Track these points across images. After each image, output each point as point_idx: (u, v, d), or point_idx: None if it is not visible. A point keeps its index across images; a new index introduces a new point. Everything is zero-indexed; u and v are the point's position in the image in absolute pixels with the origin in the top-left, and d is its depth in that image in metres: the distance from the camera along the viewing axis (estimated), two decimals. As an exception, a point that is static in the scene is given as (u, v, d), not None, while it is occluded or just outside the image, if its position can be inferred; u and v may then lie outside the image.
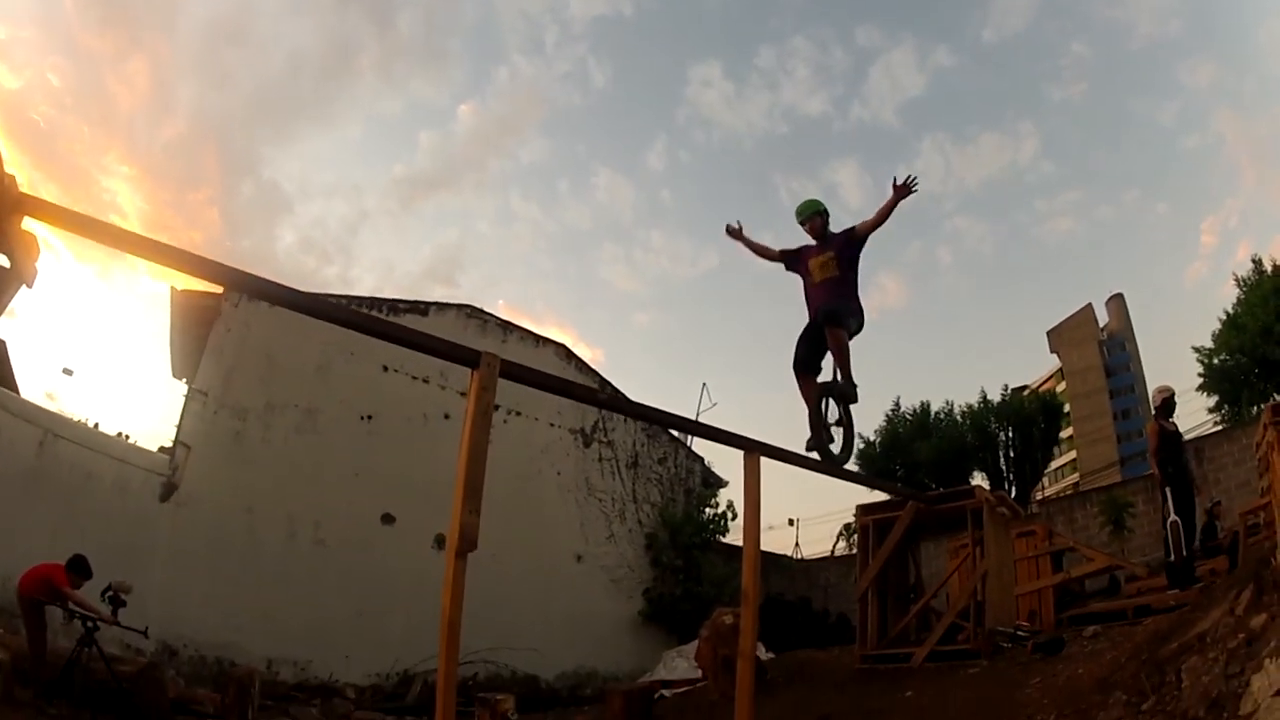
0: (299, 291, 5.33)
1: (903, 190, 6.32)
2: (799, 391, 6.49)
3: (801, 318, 6.66)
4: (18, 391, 14.43)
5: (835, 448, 6.44)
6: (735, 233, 6.99)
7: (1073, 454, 54.16)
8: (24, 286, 4.55)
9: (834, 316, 6.32)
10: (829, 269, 6.59)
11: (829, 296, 6.48)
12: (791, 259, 6.90)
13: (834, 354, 6.42)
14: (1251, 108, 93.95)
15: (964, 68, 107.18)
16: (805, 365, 6.53)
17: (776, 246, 7.05)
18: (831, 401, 6.53)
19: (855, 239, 6.64)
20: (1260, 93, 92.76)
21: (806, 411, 6.32)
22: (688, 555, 16.21)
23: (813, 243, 6.80)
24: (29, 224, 4.26)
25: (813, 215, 6.87)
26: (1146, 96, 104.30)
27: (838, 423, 6.56)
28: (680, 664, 14.36)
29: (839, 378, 6.46)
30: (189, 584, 12.47)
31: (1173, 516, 8.67)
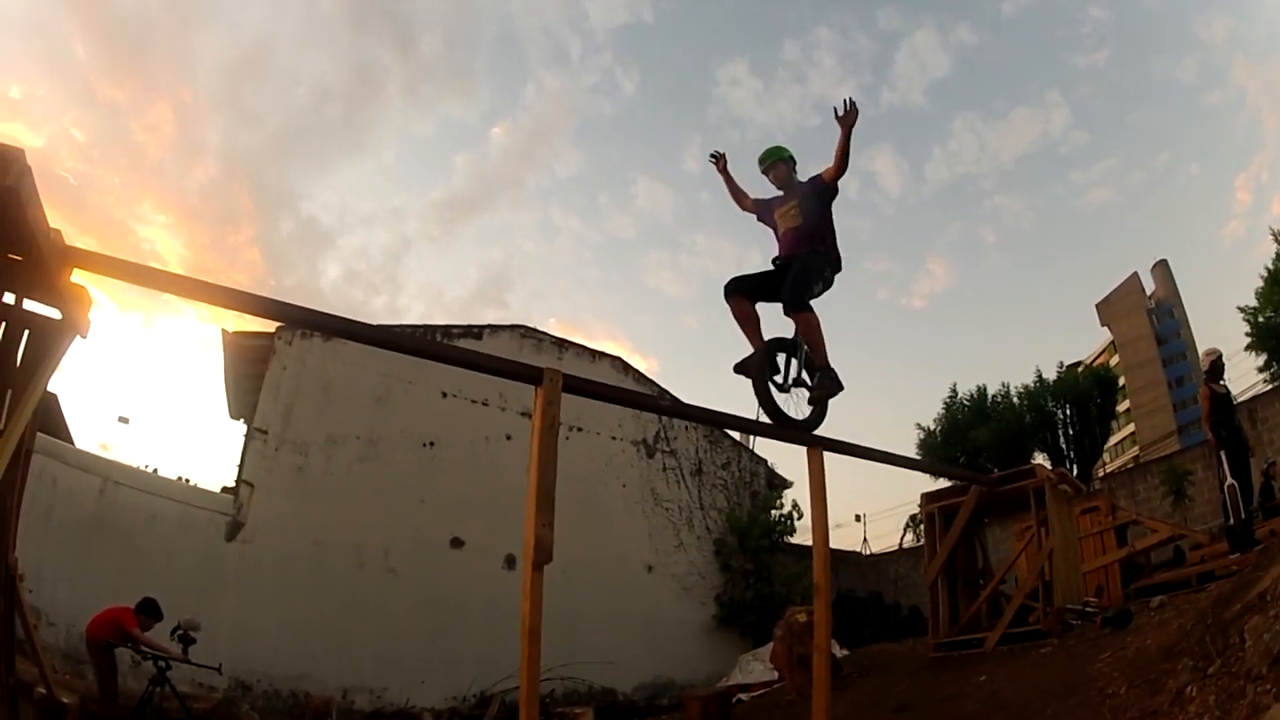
0: (359, 323, 5.35)
1: (847, 119, 5.89)
2: (732, 315, 6.05)
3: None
4: (72, 443, 14.62)
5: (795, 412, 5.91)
6: (719, 163, 6.75)
7: (1131, 427, 53.09)
8: (78, 337, 4.84)
9: (800, 302, 5.85)
10: (793, 217, 6.24)
11: (795, 245, 6.12)
12: (763, 210, 6.58)
13: (806, 343, 5.97)
14: (1265, 55, 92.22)
15: (986, 43, 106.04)
16: (743, 289, 6.09)
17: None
18: (803, 370, 6.04)
19: (821, 186, 6.22)
20: (1271, 39, 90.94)
21: (751, 349, 5.90)
22: (757, 558, 15.97)
23: (780, 194, 6.47)
24: (78, 276, 4.55)
25: (775, 163, 6.51)
26: (1166, 55, 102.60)
27: (801, 386, 6.01)
28: (756, 666, 14.15)
29: (816, 365, 5.96)
30: (260, 618, 12.53)
31: (1229, 480, 8.51)
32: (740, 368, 5.86)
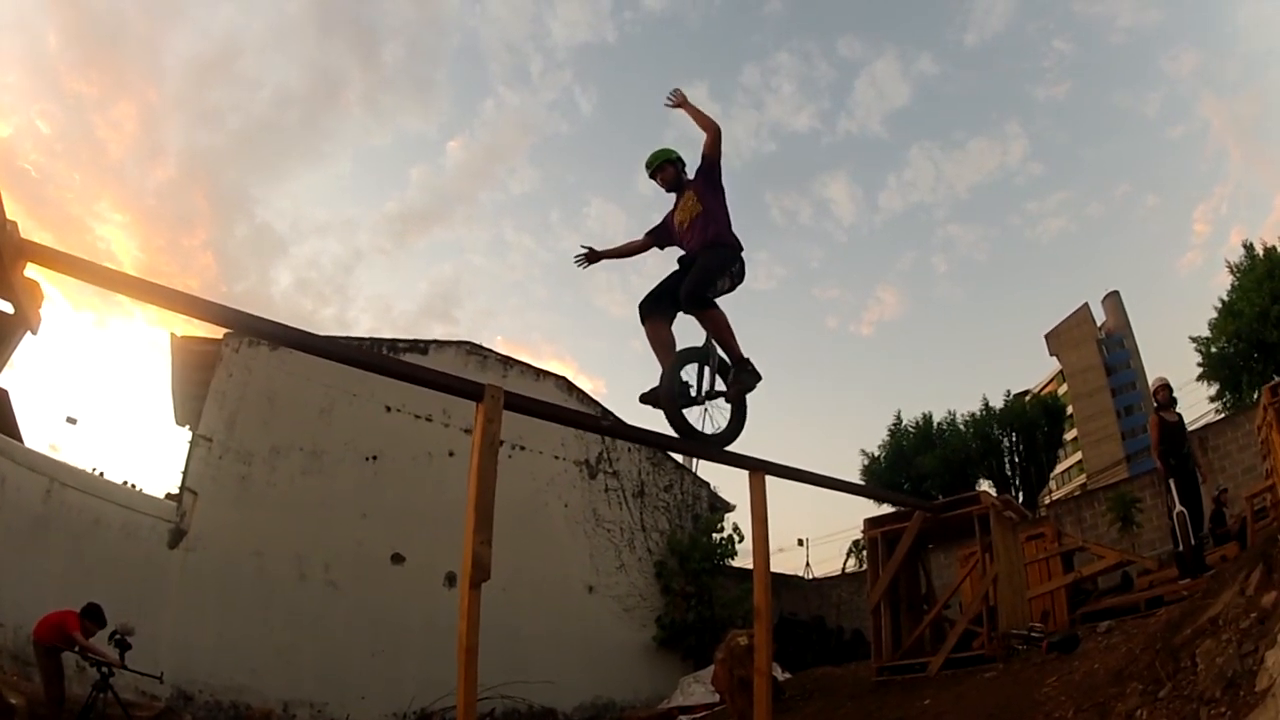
0: (304, 332, 5.35)
1: (679, 101, 5.84)
2: (647, 339, 5.77)
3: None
4: (21, 441, 14.56)
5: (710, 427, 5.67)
6: (592, 257, 6.27)
7: (1078, 455, 54.23)
8: (29, 333, 4.64)
9: (700, 300, 5.50)
10: (692, 207, 5.89)
11: (698, 234, 5.78)
12: (660, 234, 6.22)
13: (716, 340, 5.64)
14: (1235, 88, 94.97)
15: (948, 74, 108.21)
16: (656, 306, 5.76)
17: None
18: (716, 376, 5.70)
19: (706, 163, 5.92)
20: (1243, 73, 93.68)
21: (661, 366, 5.57)
22: (698, 580, 16.23)
23: (673, 195, 6.16)
24: (31, 271, 4.40)
25: (662, 165, 6.19)
26: (1130, 89, 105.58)
27: (718, 396, 5.71)
28: (697, 689, 14.35)
29: (729, 361, 5.67)
30: (201, 628, 12.55)
31: (1178, 507, 8.81)
32: (649, 398, 5.57)
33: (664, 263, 6.07)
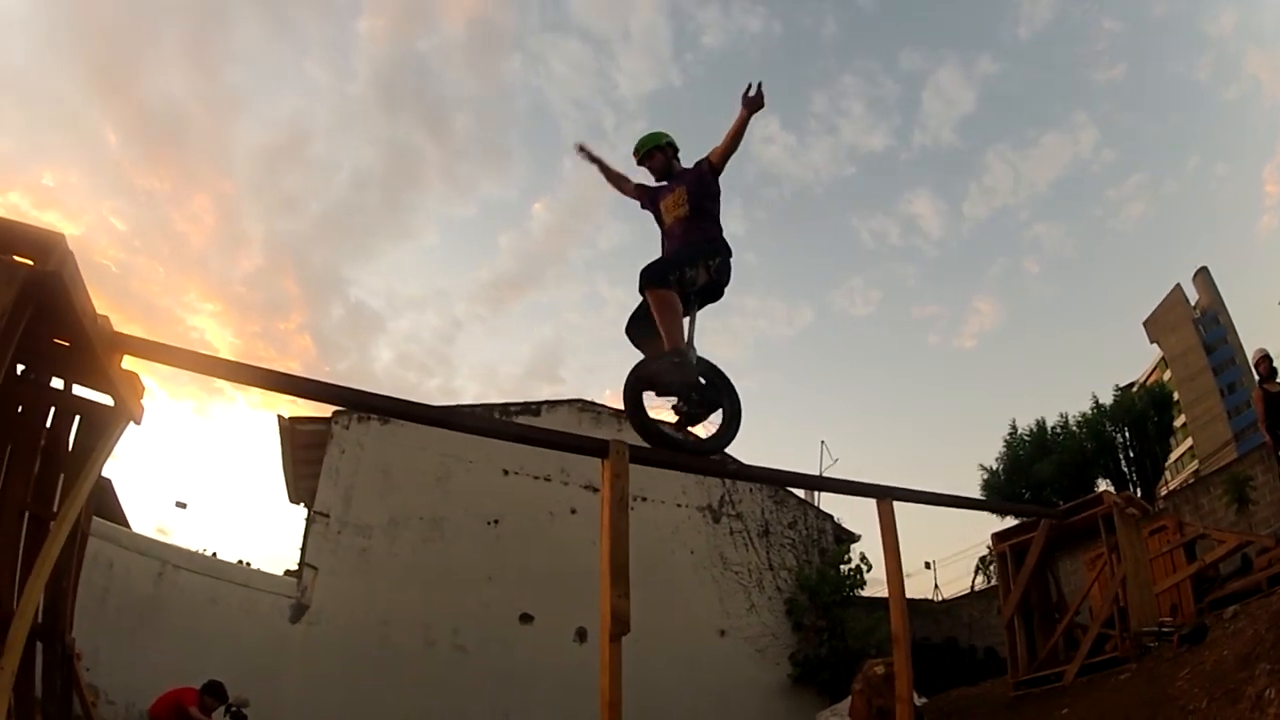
0: (424, 405, 5.68)
1: (753, 103, 5.43)
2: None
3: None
4: (128, 527, 14.82)
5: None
6: (586, 153, 6.13)
7: (1189, 441, 52.15)
8: (132, 423, 4.94)
9: (652, 275, 5.18)
10: (680, 205, 5.70)
11: (681, 236, 5.60)
12: (646, 196, 6.02)
13: (657, 322, 5.21)
14: (1275, 39, 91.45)
15: (1007, 71, 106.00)
16: (636, 329, 5.52)
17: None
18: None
19: (708, 169, 5.73)
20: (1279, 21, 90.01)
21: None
22: (829, 614, 15.73)
23: (664, 183, 5.95)
24: (129, 363, 4.65)
25: (652, 150, 5.99)
26: (1181, 58, 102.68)
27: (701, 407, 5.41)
28: None
29: (665, 345, 5.21)
30: (326, 699, 12.60)
31: None
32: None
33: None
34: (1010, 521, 14.63)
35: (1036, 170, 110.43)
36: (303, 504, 16.09)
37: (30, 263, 3.55)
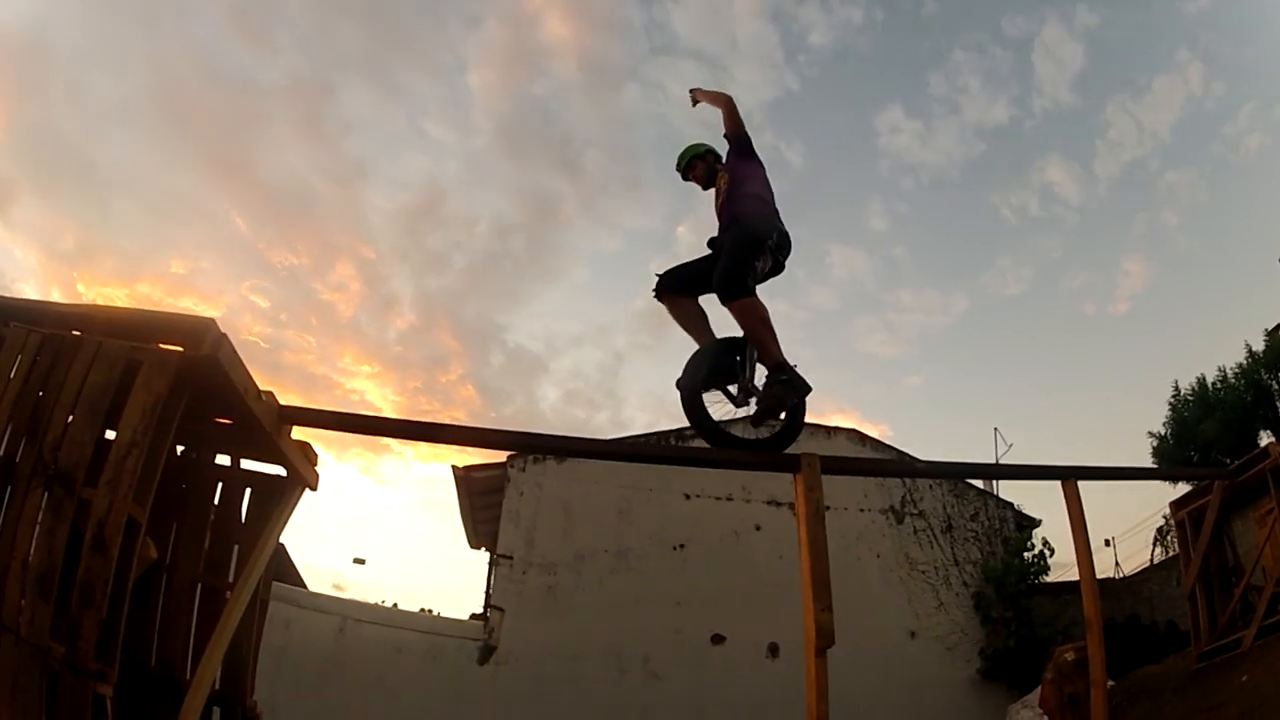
0: (600, 440, 6.25)
1: (706, 98, 5.70)
2: (672, 319, 5.43)
3: None
4: (304, 588, 15.22)
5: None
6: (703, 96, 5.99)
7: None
8: (307, 490, 5.20)
9: (732, 285, 4.92)
10: (724, 190, 5.55)
11: (727, 216, 5.40)
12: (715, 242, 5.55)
13: (750, 338, 5.07)
14: None
15: (1107, 19, 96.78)
16: (677, 284, 5.39)
17: None
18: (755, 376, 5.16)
19: (731, 142, 5.62)
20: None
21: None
22: (1015, 604, 15.35)
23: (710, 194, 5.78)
24: (299, 432, 4.94)
25: (693, 161, 5.85)
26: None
27: (750, 400, 5.22)
28: (1026, 715, 13.67)
29: (765, 365, 5.06)
30: (519, 735, 12.83)
31: None
32: (683, 386, 5.10)
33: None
34: (1184, 488, 14.10)
35: (1155, 117, 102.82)
36: (484, 548, 16.31)
37: (182, 349, 3.77)
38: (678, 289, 5.34)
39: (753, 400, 5.16)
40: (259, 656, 5.50)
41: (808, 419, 5.61)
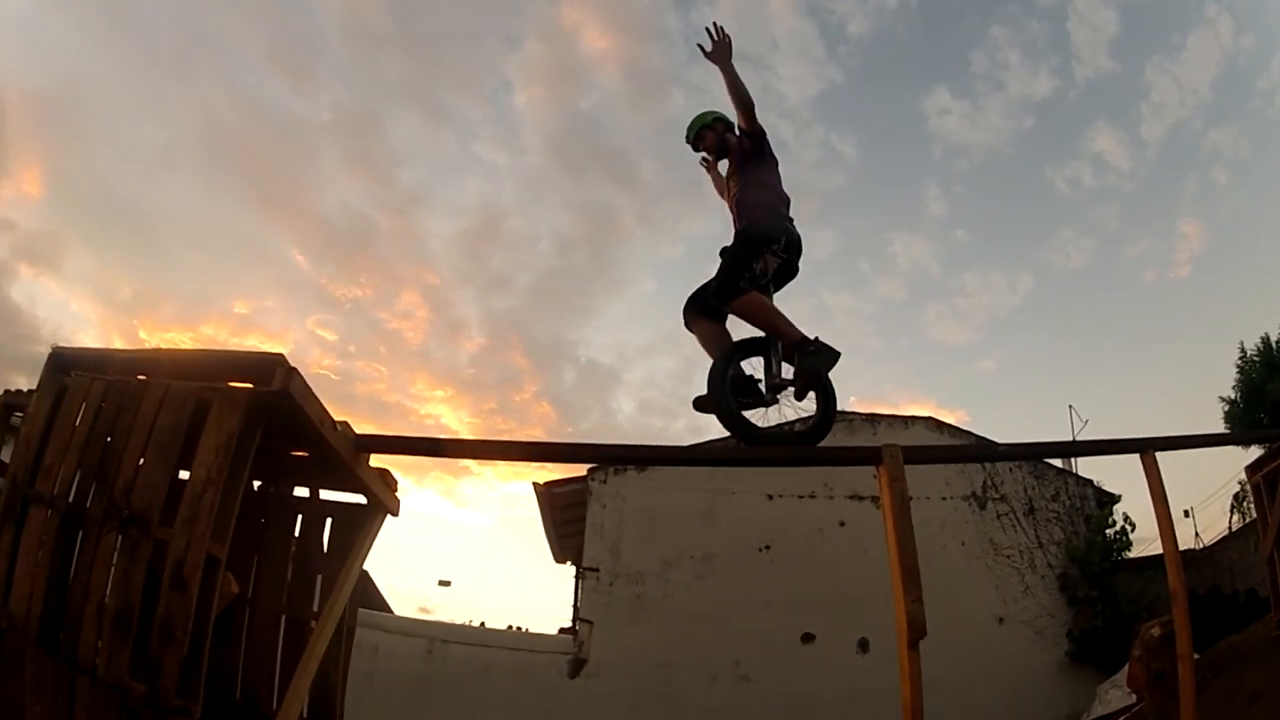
0: (675, 447, 5.96)
1: (714, 54, 5.04)
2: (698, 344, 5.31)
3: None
4: (390, 613, 15.62)
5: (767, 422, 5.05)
6: (710, 164, 5.93)
7: None
8: (389, 516, 5.21)
9: (723, 292, 4.95)
10: (732, 187, 5.49)
11: (736, 221, 5.38)
12: (721, 190, 5.85)
13: (763, 330, 5.03)
14: None
15: None
16: (699, 308, 5.29)
17: None
18: (783, 365, 5.04)
19: (743, 143, 5.38)
20: None
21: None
22: (1100, 582, 15.18)
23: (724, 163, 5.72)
24: (377, 460, 4.93)
25: (702, 131, 5.72)
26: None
27: (785, 387, 5.07)
28: (1114, 694, 13.55)
29: (788, 346, 4.96)
30: (610, 744, 12.97)
31: None
32: (700, 404, 5.09)
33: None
34: (1257, 452, 13.92)
35: (1193, 75, 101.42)
36: (569, 562, 16.39)
37: (253, 386, 3.77)
38: (701, 312, 5.25)
39: (786, 392, 5.05)
40: (347, 684, 5.60)
41: (884, 410, 5.66)
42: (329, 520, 5.24)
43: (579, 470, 14.25)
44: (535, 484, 14.51)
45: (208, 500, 3.51)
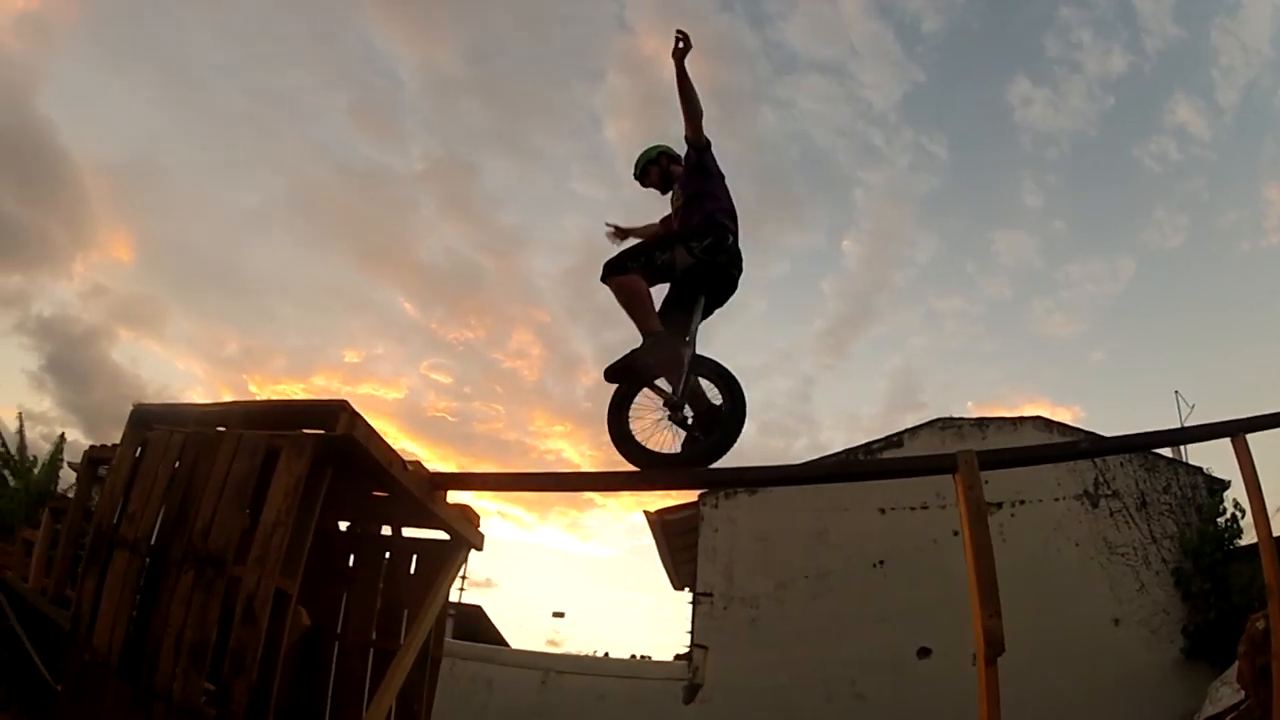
0: (770, 467, 5.82)
1: (676, 55, 4.91)
2: None
3: None
4: (506, 646, 15.90)
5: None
6: (620, 234, 5.88)
7: None
8: (473, 550, 5.47)
9: (610, 264, 4.98)
10: (677, 203, 5.49)
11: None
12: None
13: (627, 314, 4.95)
14: None
15: None
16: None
17: None
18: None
19: (691, 151, 5.28)
20: None
21: None
22: (1212, 574, 14.75)
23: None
24: (456, 496, 5.13)
25: (647, 168, 5.70)
26: None
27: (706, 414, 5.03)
28: (1224, 692, 13.15)
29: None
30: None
31: None
32: (608, 374, 5.10)
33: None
34: None
35: (1251, 32, 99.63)
36: (687, 588, 16.16)
37: (320, 432, 3.96)
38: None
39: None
40: (460, 717, 5.79)
41: (996, 413, 5.23)
42: (415, 556, 5.51)
43: (690, 496, 14.01)
44: (647, 512, 14.55)
45: (277, 540, 3.75)
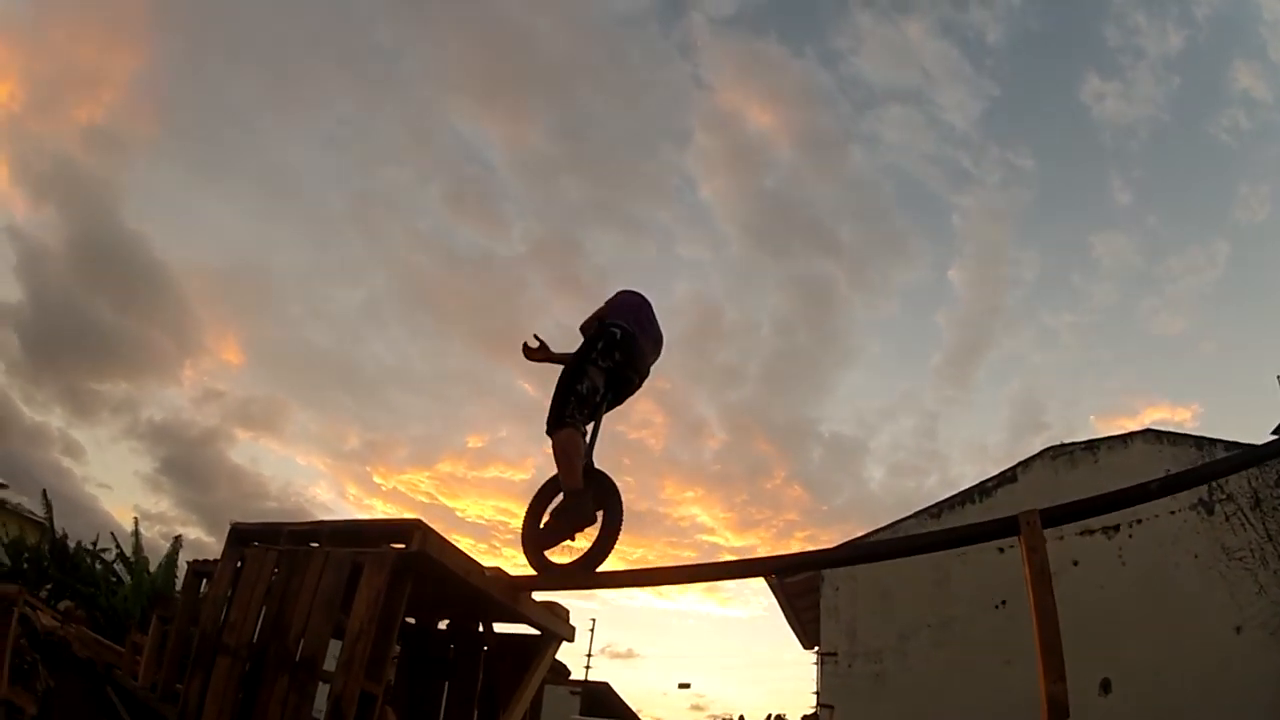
0: (853, 542, 7.53)
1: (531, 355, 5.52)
2: None
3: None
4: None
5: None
6: (535, 355, 5.61)
7: None
8: (565, 642, 5.76)
9: (549, 421, 4.95)
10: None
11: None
12: None
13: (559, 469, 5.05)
14: None
15: None
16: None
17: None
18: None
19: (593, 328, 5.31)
20: None
21: None
22: (1327, 568, 14.40)
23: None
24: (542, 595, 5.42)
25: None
26: None
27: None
28: None
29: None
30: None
31: None
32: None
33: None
34: None
35: None
36: (814, 648, 15.87)
37: (401, 546, 4.26)
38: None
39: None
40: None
41: (1117, 424, 4.69)
42: (509, 651, 5.74)
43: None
44: (766, 576, 13.58)
45: (361, 646, 4.00)
